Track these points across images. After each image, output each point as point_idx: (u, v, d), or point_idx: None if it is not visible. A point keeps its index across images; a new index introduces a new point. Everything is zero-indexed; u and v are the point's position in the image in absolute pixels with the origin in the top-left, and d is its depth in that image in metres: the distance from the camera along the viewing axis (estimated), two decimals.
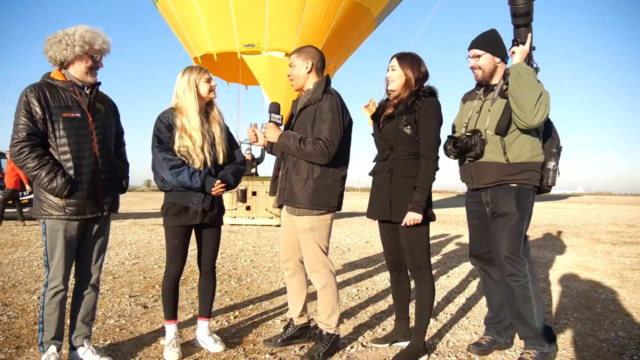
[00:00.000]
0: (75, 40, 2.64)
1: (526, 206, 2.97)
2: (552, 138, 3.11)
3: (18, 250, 7.07)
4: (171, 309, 3.10)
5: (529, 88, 2.77)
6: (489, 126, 3.02)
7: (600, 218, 16.18)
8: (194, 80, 3.03)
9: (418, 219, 2.88)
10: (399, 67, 3.03)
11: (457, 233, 10.55)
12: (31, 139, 2.57)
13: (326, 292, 3.10)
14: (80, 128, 2.69)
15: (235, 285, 5.05)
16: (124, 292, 4.62)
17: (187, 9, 12.14)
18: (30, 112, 2.57)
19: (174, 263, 3.07)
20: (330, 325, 3.11)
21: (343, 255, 7.24)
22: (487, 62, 3.04)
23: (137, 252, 7.14)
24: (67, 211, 2.65)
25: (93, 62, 2.74)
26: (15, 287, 4.72)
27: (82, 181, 2.68)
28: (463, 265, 6.49)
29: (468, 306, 4.36)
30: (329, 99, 3.01)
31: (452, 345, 3.35)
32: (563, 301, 4.57)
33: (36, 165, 2.55)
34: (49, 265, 2.69)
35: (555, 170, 3.08)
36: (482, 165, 3.05)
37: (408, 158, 2.99)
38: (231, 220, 11.44)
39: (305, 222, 3.05)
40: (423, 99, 2.95)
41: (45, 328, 2.71)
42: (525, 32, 2.94)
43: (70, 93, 2.70)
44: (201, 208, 3.01)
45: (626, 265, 6.68)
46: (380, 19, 13.66)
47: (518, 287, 2.92)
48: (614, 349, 3.29)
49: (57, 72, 2.74)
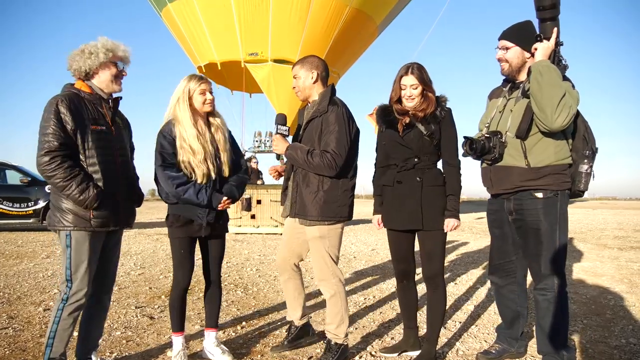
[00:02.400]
0: (98, 49, 2.66)
1: (554, 217, 2.78)
2: (585, 138, 2.83)
3: (23, 261, 7.06)
4: (179, 320, 3.07)
5: (551, 88, 2.59)
6: (509, 128, 2.87)
7: (606, 223, 16.07)
8: (189, 91, 2.98)
9: (458, 224, 2.98)
10: (421, 84, 2.95)
11: (463, 240, 10.49)
12: (63, 149, 2.53)
13: (335, 301, 3.09)
14: (105, 141, 2.70)
15: (242, 295, 5.03)
16: (130, 303, 4.60)
17: (191, 18, 12.22)
18: (61, 121, 2.53)
19: (182, 273, 3.04)
20: (339, 335, 3.09)
21: (349, 264, 7.20)
22: (516, 56, 2.88)
23: (143, 262, 7.12)
24: (93, 223, 2.64)
25: (117, 69, 2.75)
26: (21, 299, 4.71)
27: (109, 193, 2.68)
28: (471, 272, 6.45)
29: (477, 314, 4.32)
30: (334, 110, 3.01)
31: (462, 353, 3.31)
32: (572, 307, 4.51)
33: (67, 175, 2.52)
34: (72, 279, 2.63)
35: (589, 173, 2.81)
36: (501, 169, 2.92)
37: (433, 167, 3.03)
38: (236, 229, 11.42)
39: (315, 231, 3.05)
40: (446, 109, 3.00)
41: (56, 343, 2.63)
42: (550, 26, 2.72)
43: (96, 105, 2.71)
44: (206, 222, 2.99)
45: (634, 271, 6.61)
46: (383, 26, 13.71)
47: (544, 301, 2.83)
48: (626, 356, 3.24)
49: (82, 83, 2.72)
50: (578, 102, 2.67)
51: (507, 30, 2.92)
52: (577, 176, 2.82)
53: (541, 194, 2.80)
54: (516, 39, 2.87)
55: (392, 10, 13.22)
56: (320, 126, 3.01)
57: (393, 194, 3.09)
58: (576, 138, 2.85)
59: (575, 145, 2.85)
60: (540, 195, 2.80)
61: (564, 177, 2.81)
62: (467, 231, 12.56)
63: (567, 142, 2.84)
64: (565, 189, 2.82)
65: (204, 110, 3.02)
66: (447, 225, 2.96)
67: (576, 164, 2.83)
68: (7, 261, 7.08)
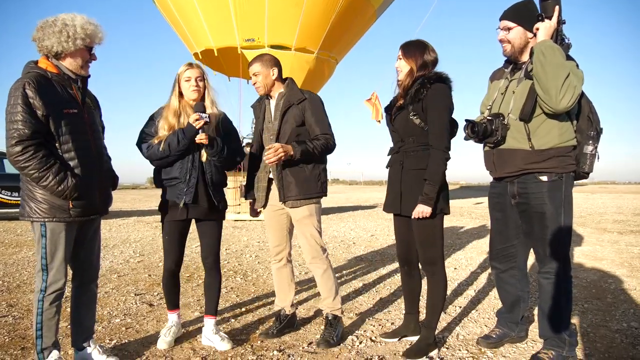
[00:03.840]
0: (77, 33, 2.48)
1: (559, 200, 2.73)
2: (589, 119, 2.77)
3: (22, 250, 7.04)
4: (169, 299, 3.25)
5: (554, 68, 2.51)
6: (512, 110, 2.80)
7: (605, 207, 16.07)
8: (178, 77, 3.08)
9: (427, 212, 2.80)
10: (403, 56, 2.96)
11: (461, 225, 10.49)
12: (35, 137, 2.37)
13: (328, 275, 3.27)
14: (79, 125, 2.56)
15: (241, 282, 5.02)
16: (129, 291, 4.59)
17: (186, 4, 12.06)
18: (30, 106, 2.34)
19: (167, 257, 3.16)
20: (336, 307, 3.29)
21: (348, 249, 7.20)
22: (518, 37, 2.79)
23: (142, 249, 7.12)
24: (72, 213, 2.53)
25: (89, 55, 2.62)
26: (20, 288, 4.69)
27: (87, 181, 2.56)
28: (471, 257, 6.44)
29: (477, 299, 4.31)
30: (313, 99, 3.24)
31: (462, 338, 3.30)
32: (573, 292, 4.49)
33: (43, 166, 2.38)
34: (47, 269, 2.54)
35: (593, 155, 2.76)
36: (504, 152, 2.84)
37: (419, 149, 2.89)
38: (235, 216, 11.41)
39: (305, 210, 3.22)
40: (428, 86, 2.83)
41: (45, 334, 2.57)
42: (552, 5, 2.64)
43: (66, 87, 2.53)
44: (183, 202, 3.00)
45: (634, 254, 6.61)
46: (381, 10, 13.55)
47: (548, 284, 2.79)
48: (627, 339, 3.23)
49: (46, 61, 2.52)
50: (583, 81, 2.59)
51: (508, 10, 2.83)
52: (582, 157, 2.78)
53: (546, 177, 2.75)
54: (518, 18, 2.78)
55: None
56: (301, 112, 3.19)
57: (387, 178, 3.14)
58: (580, 119, 2.79)
59: (579, 126, 2.79)
60: (545, 179, 2.75)
61: (568, 159, 2.75)
62: (466, 216, 12.56)
63: (571, 123, 2.77)
64: (570, 172, 2.77)
65: (189, 97, 3.09)
66: (415, 210, 2.82)
67: (581, 145, 2.78)
68: (7, 250, 7.07)
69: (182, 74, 3.05)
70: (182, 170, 3.02)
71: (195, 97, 3.07)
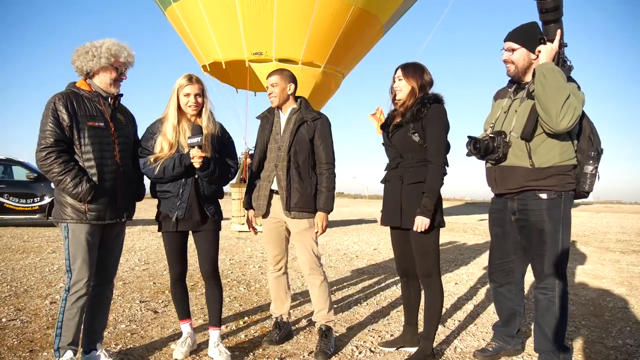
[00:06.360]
0: (102, 52, 2.76)
1: (558, 218, 2.80)
2: (590, 139, 2.85)
3: (29, 256, 7.14)
4: (179, 309, 3.27)
5: (554, 90, 2.61)
6: (514, 128, 2.89)
7: (609, 226, 16.05)
8: (178, 88, 3.03)
9: (426, 224, 2.91)
10: (403, 76, 3.08)
11: (464, 240, 10.52)
12: (58, 145, 2.65)
13: (324, 287, 3.36)
14: (103, 137, 2.79)
15: (244, 291, 5.09)
16: (134, 298, 4.67)
17: (196, 17, 12.27)
18: (57, 118, 2.65)
19: (171, 268, 3.22)
20: (331, 319, 3.36)
21: (351, 262, 7.26)
22: (522, 58, 2.89)
23: (147, 258, 7.20)
24: (88, 216, 2.73)
25: (117, 74, 2.85)
26: (28, 293, 4.79)
27: (104, 187, 2.76)
28: (472, 273, 6.49)
29: (476, 313, 4.37)
30: (325, 120, 3.36)
31: (459, 351, 3.36)
32: (571, 308, 4.55)
33: (62, 170, 2.64)
34: (71, 269, 2.73)
35: (593, 174, 2.84)
36: (506, 169, 2.93)
37: (417, 165, 3.01)
38: (239, 227, 11.48)
39: (306, 223, 3.32)
40: (428, 106, 2.97)
41: (64, 333, 2.74)
42: (554, 28, 2.75)
43: (95, 103, 2.80)
44: (175, 216, 3.02)
45: (635, 274, 6.64)
46: (389, 26, 13.70)
47: (544, 300, 2.86)
48: (622, 356, 3.29)
49: (83, 82, 2.85)
50: (583, 103, 2.68)
51: (512, 32, 2.94)
52: (582, 177, 2.85)
53: (545, 194, 2.82)
54: (522, 40, 2.88)
55: (397, 9, 13.21)
56: (312, 130, 3.31)
57: (384, 193, 3.24)
58: (581, 139, 2.87)
59: (580, 146, 2.87)
60: (545, 196, 2.83)
61: (568, 177, 2.83)
62: (469, 232, 12.58)
63: (572, 142, 2.84)
64: (569, 190, 2.85)
65: (187, 112, 3.06)
66: (415, 223, 2.94)
67: (581, 165, 2.86)
68: (14, 255, 7.17)
69: (182, 88, 3.01)
70: (175, 185, 3.03)
71: (193, 114, 3.05)
